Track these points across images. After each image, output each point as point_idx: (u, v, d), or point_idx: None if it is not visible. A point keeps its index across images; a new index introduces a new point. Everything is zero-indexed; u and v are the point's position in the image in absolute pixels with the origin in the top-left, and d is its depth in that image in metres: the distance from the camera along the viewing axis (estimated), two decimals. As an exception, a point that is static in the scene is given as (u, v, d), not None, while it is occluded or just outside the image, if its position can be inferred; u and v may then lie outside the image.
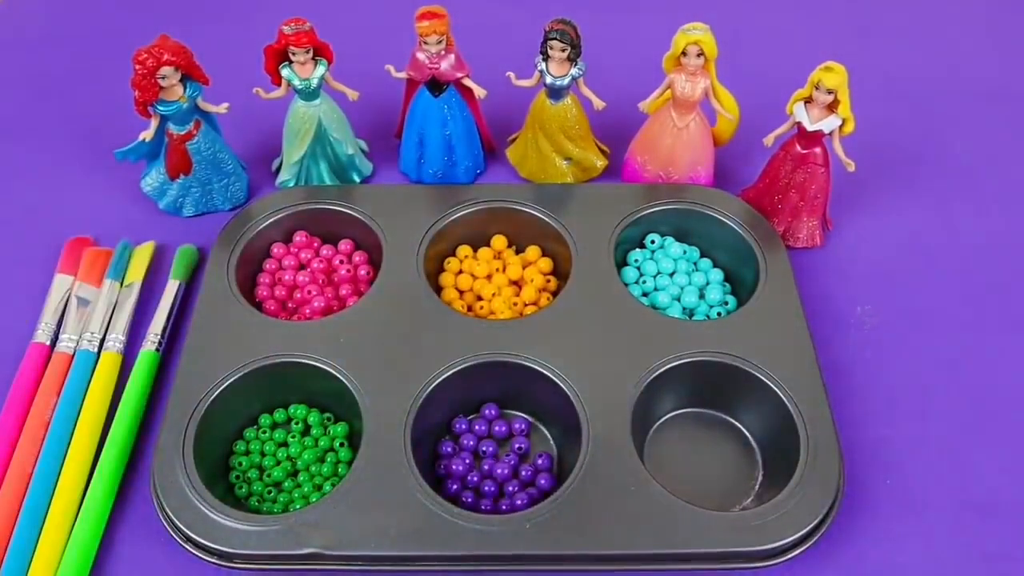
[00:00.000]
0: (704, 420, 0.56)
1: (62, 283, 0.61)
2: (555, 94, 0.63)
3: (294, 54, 0.60)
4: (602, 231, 0.61)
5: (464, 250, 0.63)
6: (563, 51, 0.60)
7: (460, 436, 0.55)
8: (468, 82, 0.64)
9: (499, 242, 0.64)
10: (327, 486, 0.52)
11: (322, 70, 0.62)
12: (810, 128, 0.59)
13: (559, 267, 0.63)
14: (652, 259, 0.63)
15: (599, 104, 0.64)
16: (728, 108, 0.63)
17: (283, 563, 0.47)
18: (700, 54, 0.59)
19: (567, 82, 0.62)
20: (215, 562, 0.47)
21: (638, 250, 0.63)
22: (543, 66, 0.62)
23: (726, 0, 0.86)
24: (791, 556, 0.47)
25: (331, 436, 0.55)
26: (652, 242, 0.63)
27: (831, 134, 0.59)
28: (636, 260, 0.63)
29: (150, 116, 0.61)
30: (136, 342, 0.59)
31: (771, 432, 0.53)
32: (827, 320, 0.60)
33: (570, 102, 0.64)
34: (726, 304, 0.61)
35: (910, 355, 0.59)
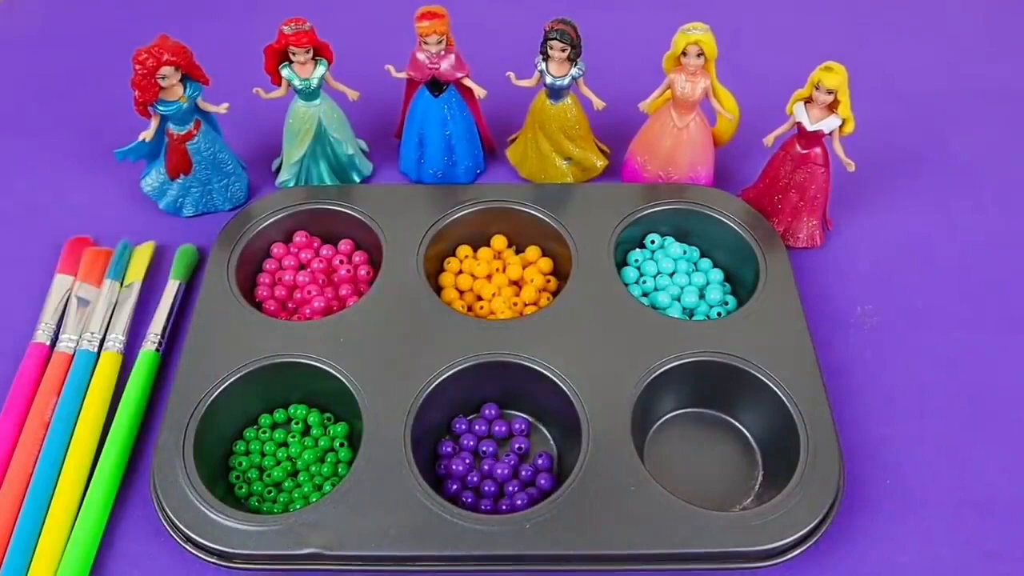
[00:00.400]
0: (704, 420, 0.56)
1: (62, 283, 0.61)
2: (555, 94, 0.63)
3: (294, 54, 0.60)
4: (602, 231, 0.61)
5: (464, 250, 0.63)
6: (563, 51, 0.60)
7: (460, 436, 0.55)
8: (468, 82, 0.64)
9: (499, 242, 0.64)
10: (327, 486, 0.52)
11: (322, 70, 0.62)
12: (810, 128, 0.59)
13: (559, 267, 0.63)
14: (652, 259, 0.63)
15: (599, 104, 0.64)
16: (728, 108, 0.63)
17: (283, 563, 0.47)
18: (700, 54, 0.59)
19: (567, 82, 0.62)
20: (215, 562, 0.47)
21: (638, 250, 0.63)
22: (543, 66, 0.62)
23: (726, 0, 0.86)
24: (791, 556, 0.47)
25: (331, 436, 0.55)
26: (652, 242, 0.63)
27: (831, 134, 0.59)
28: (636, 260, 0.63)
29: (150, 116, 0.61)
30: (136, 342, 0.59)
31: (771, 432, 0.54)
32: (827, 320, 0.60)
33: (570, 102, 0.64)
34: (726, 304, 0.61)
35: (910, 355, 0.59)
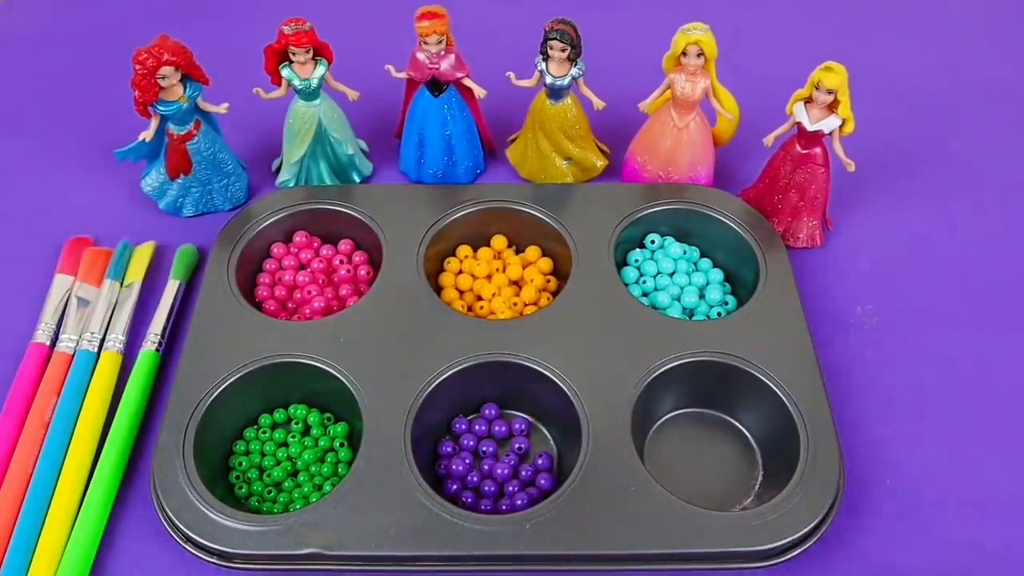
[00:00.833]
0: (704, 420, 0.56)
1: (62, 283, 0.61)
2: (555, 94, 0.63)
3: (294, 54, 0.60)
4: (602, 231, 0.61)
5: (464, 250, 0.63)
6: (563, 51, 0.60)
7: (460, 436, 0.55)
8: (468, 82, 0.63)
9: (499, 242, 0.64)
10: (327, 486, 0.52)
11: (322, 70, 0.62)
12: (810, 128, 0.59)
13: (559, 267, 0.63)
14: (652, 259, 0.63)
15: (599, 104, 0.64)
16: (728, 108, 0.63)
17: (283, 563, 0.47)
18: (700, 54, 0.59)
19: (567, 82, 0.62)
20: (215, 562, 0.47)
21: (638, 250, 0.63)
22: (543, 66, 0.62)
23: (726, 0, 0.86)
24: (791, 556, 0.47)
25: (331, 436, 0.55)
26: (652, 242, 0.63)
27: (831, 134, 0.59)
28: (636, 260, 0.63)
29: (150, 116, 0.61)
30: (136, 342, 0.59)
31: (771, 432, 0.53)
32: (827, 320, 0.60)
33: (570, 102, 0.64)
34: (726, 304, 0.61)
35: (910, 355, 0.59)
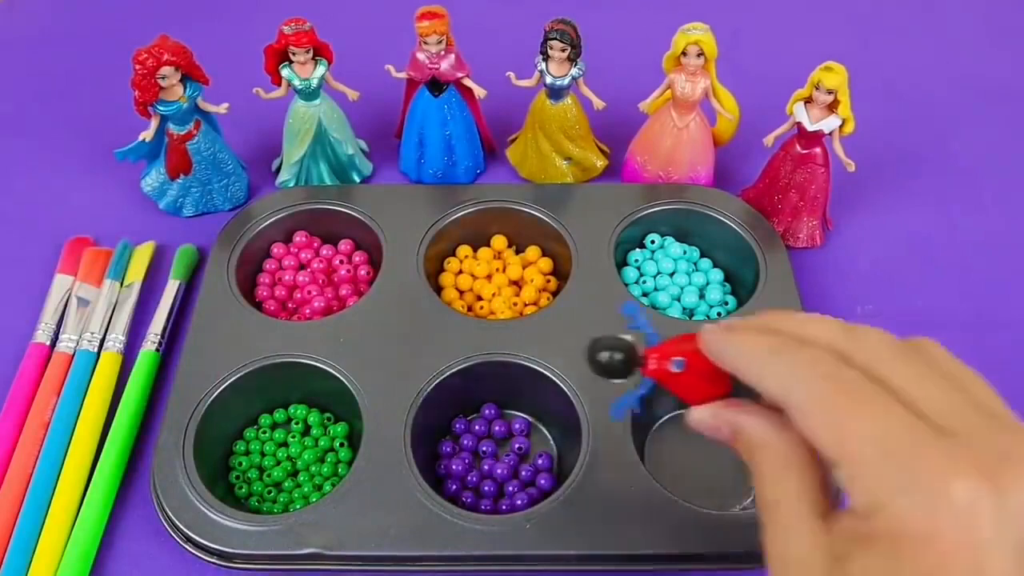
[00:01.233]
0: (704, 420, 0.56)
1: (62, 283, 0.61)
2: (555, 94, 0.63)
3: (294, 54, 0.60)
4: (602, 231, 0.61)
5: (464, 250, 0.63)
6: (563, 51, 0.60)
7: (460, 436, 0.55)
8: (468, 82, 0.63)
9: (499, 242, 0.64)
10: (327, 486, 0.52)
11: (322, 70, 0.62)
12: (810, 128, 0.59)
13: (559, 267, 0.63)
14: (652, 259, 0.63)
15: (599, 104, 0.64)
16: (728, 108, 0.63)
17: (283, 563, 0.47)
18: (700, 54, 0.59)
19: (567, 82, 0.62)
20: (215, 562, 0.47)
21: (638, 250, 0.63)
22: (543, 66, 0.62)
23: (726, 0, 0.86)
24: (791, 556, 0.47)
25: (331, 436, 0.55)
26: (652, 242, 0.63)
27: (831, 134, 0.59)
28: (636, 260, 0.63)
29: (150, 116, 0.61)
30: (136, 342, 0.59)
31: (771, 432, 0.53)
32: (827, 320, 0.60)
33: (570, 102, 0.64)
34: (726, 304, 0.61)
35: (910, 355, 0.59)
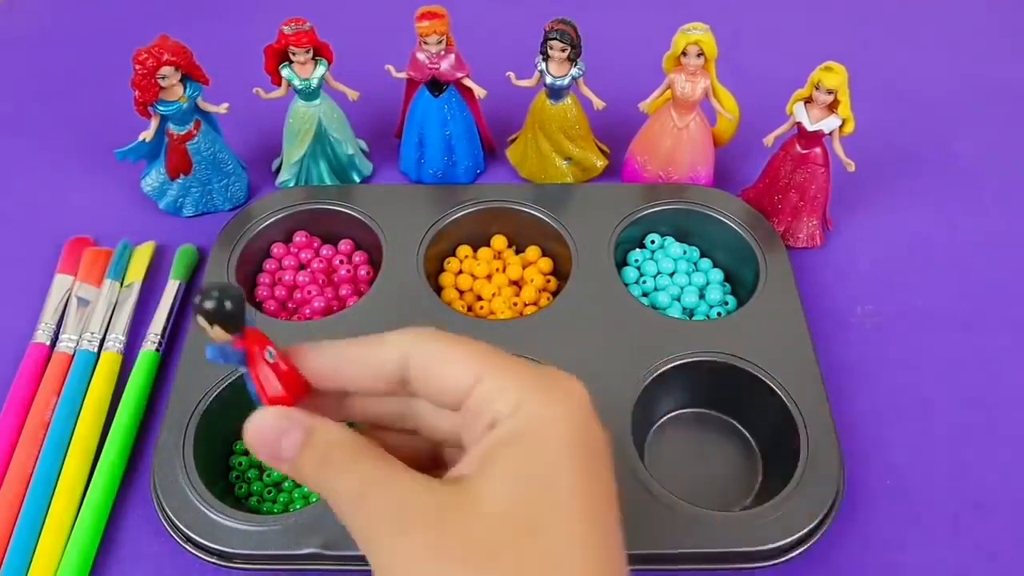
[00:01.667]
0: (704, 420, 0.56)
1: (62, 283, 0.61)
2: (555, 94, 0.63)
3: (294, 54, 0.60)
4: (602, 231, 0.61)
5: (464, 250, 0.63)
6: (563, 51, 0.60)
7: (460, 436, 0.55)
8: (468, 82, 0.63)
9: (499, 242, 0.64)
10: (327, 486, 0.52)
11: (322, 70, 0.62)
12: (810, 128, 0.59)
13: (559, 267, 0.62)
14: (652, 259, 0.63)
15: (599, 104, 0.64)
16: (728, 108, 0.63)
17: (283, 563, 0.47)
18: (700, 54, 0.59)
19: (567, 82, 0.62)
20: (215, 562, 0.47)
21: (638, 250, 0.63)
22: (543, 66, 0.62)
23: (726, 0, 0.86)
24: (791, 556, 0.47)
25: (331, 436, 0.55)
26: (652, 242, 0.63)
27: (831, 134, 0.59)
28: (636, 260, 0.63)
29: (150, 116, 0.61)
30: (136, 342, 0.59)
31: (771, 432, 0.53)
32: (827, 320, 0.60)
33: (570, 102, 0.64)
34: (726, 304, 0.61)
35: (910, 355, 0.59)
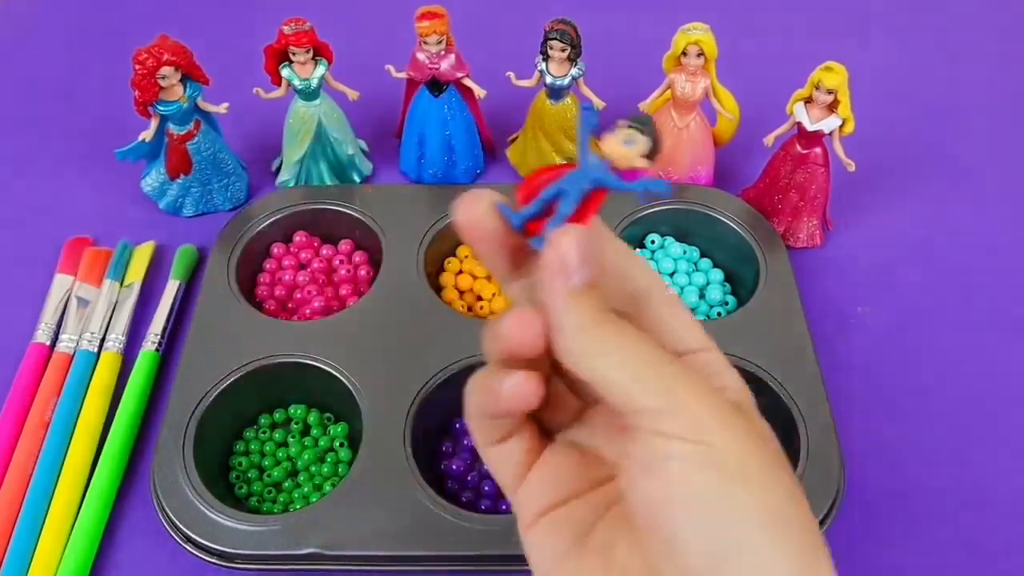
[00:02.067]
0: (704, 420, 0.56)
1: (62, 283, 0.61)
2: (555, 94, 0.63)
3: (294, 54, 0.60)
4: (602, 231, 0.61)
5: (464, 250, 0.63)
6: (563, 51, 0.60)
7: (459, 436, 0.55)
8: (468, 82, 0.64)
9: (499, 242, 0.64)
10: (327, 486, 0.52)
11: (322, 70, 0.62)
12: (810, 128, 0.59)
13: (559, 267, 0.62)
14: (652, 259, 0.63)
15: (599, 104, 0.64)
16: (728, 108, 0.63)
17: (283, 563, 0.47)
18: (700, 54, 0.59)
19: (567, 82, 0.62)
20: (215, 562, 0.47)
21: (638, 250, 0.63)
22: (543, 66, 0.62)
23: (726, 0, 0.86)
24: (791, 556, 0.47)
25: (331, 436, 0.55)
26: (652, 242, 0.63)
27: (831, 134, 0.59)
28: (636, 260, 0.63)
29: (150, 116, 0.61)
30: (136, 342, 0.59)
31: (771, 432, 0.53)
32: (827, 320, 0.60)
33: (570, 102, 0.64)
34: (726, 304, 0.61)
35: (910, 355, 0.59)
